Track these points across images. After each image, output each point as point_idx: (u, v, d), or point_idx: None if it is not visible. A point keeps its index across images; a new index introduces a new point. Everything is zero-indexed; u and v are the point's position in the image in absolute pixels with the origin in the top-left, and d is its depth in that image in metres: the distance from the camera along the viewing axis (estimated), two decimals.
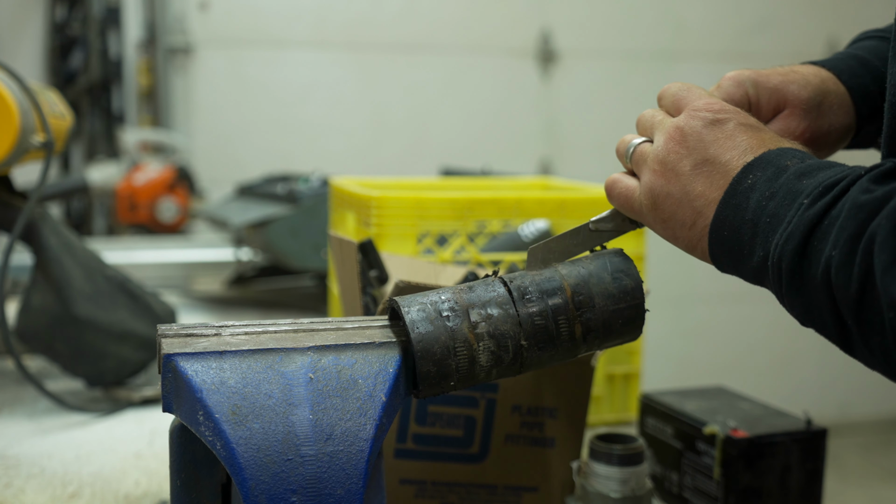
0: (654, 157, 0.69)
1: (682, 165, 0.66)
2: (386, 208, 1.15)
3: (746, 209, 0.61)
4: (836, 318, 0.56)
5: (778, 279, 0.59)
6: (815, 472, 0.95)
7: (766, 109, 0.77)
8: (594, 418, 1.21)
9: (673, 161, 0.67)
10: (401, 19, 3.78)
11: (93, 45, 3.61)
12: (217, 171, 3.40)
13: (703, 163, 0.65)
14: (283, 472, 0.54)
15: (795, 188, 0.59)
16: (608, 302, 0.64)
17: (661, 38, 4.01)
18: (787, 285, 0.59)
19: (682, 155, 0.66)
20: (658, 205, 0.67)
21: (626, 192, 0.71)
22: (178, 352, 0.57)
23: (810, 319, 0.60)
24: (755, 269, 0.61)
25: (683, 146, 0.67)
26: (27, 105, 1.18)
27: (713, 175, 0.64)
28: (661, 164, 0.68)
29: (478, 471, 0.88)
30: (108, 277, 1.34)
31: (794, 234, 0.57)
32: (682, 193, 0.66)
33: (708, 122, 0.67)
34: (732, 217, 0.62)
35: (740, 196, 0.62)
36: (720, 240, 0.63)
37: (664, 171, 0.67)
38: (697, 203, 0.65)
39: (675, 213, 0.66)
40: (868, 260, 0.52)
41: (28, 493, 1.00)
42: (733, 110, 0.68)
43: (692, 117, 0.67)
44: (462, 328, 0.60)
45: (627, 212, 0.72)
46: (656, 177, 0.68)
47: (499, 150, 3.83)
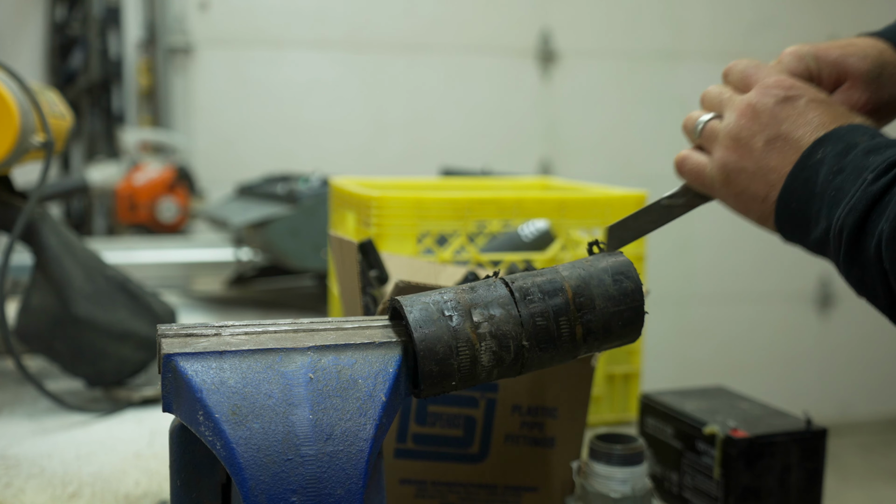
0: (725, 133, 0.70)
1: (755, 141, 0.68)
2: (386, 208, 1.15)
3: (815, 183, 0.63)
4: (887, 290, 0.58)
5: (837, 250, 0.61)
6: (814, 472, 0.95)
7: (827, 83, 0.78)
8: (594, 418, 1.21)
9: (746, 137, 0.69)
10: (401, 19, 3.78)
11: (93, 45, 3.61)
12: (217, 171, 3.40)
13: (776, 138, 0.67)
14: (283, 472, 0.54)
15: (862, 164, 0.61)
16: (608, 304, 0.64)
17: (661, 38, 4.01)
18: (844, 256, 0.60)
19: (755, 131, 0.68)
20: (731, 180, 0.70)
21: (698, 168, 0.74)
22: (177, 352, 0.57)
23: (864, 290, 0.61)
24: (818, 240, 0.63)
25: (756, 122, 0.68)
26: (27, 105, 1.18)
27: (785, 150, 0.67)
28: (734, 140, 0.69)
29: (478, 471, 0.88)
30: (108, 277, 1.34)
31: (855, 208, 0.59)
32: (756, 168, 0.68)
33: (780, 99, 0.68)
34: (801, 190, 0.64)
35: (809, 170, 0.64)
36: (788, 211, 0.66)
37: (737, 147, 0.69)
38: (771, 177, 0.67)
39: (748, 188, 0.69)
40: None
41: (28, 493, 1.00)
42: (804, 87, 0.70)
43: (764, 94, 0.69)
44: (464, 328, 0.60)
45: (699, 187, 0.75)
46: (729, 152, 0.70)
47: (499, 150, 3.83)
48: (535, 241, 1.21)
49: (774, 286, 4.22)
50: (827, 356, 4.31)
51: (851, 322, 4.26)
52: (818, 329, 4.29)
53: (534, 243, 1.21)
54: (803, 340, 4.30)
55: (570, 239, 1.21)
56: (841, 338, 4.28)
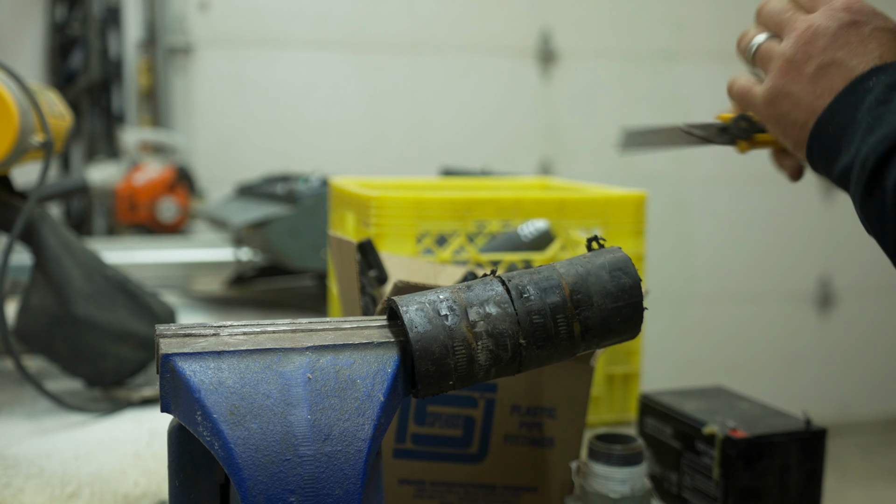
0: (780, 55, 0.69)
1: (808, 66, 0.66)
2: (385, 208, 1.15)
3: (858, 109, 0.61)
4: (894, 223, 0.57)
5: (858, 179, 0.60)
6: (814, 472, 0.95)
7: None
8: (593, 418, 1.21)
9: (800, 61, 0.67)
10: (401, 19, 3.78)
11: (93, 45, 3.61)
12: (217, 171, 3.40)
13: (830, 64, 0.65)
14: (282, 472, 0.54)
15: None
16: (606, 300, 0.64)
17: (661, 38, 4.01)
18: (864, 187, 0.59)
19: (810, 55, 0.66)
20: (776, 102, 0.68)
21: (744, 89, 0.72)
22: (176, 352, 0.57)
23: (873, 227, 0.60)
24: (843, 169, 0.62)
25: (813, 46, 0.66)
26: (27, 105, 1.18)
27: (835, 77, 0.65)
28: (788, 62, 0.68)
29: (477, 471, 0.88)
30: (107, 277, 1.34)
31: (887, 137, 0.57)
32: (802, 94, 0.66)
33: (845, 23, 0.66)
34: (843, 114, 0.63)
35: (856, 95, 0.62)
36: (822, 135, 0.64)
37: (789, 70, 0.67)
38: (815, 104, 0.65)
39: (790, 112, 0.67)
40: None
41: (27, 493, 1.00)
42: (872, 12, 0.67)
43: (829, 17, 0.67)
44: (460, 327, 0.60)
45: (744, 105, 0.73)
46: (781, 74, 0.68)
47: (499, 150, 3.83)
48: (534, 241, 1.21)
49: (774, 286, 4.22)
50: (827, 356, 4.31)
51: (851, 322, 4.26)
52: (818, 329, 4.29)
53: (533, 243, 1.21)
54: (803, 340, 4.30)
55: (570, 239, 1.20)
56: (841, 338, 4.28)
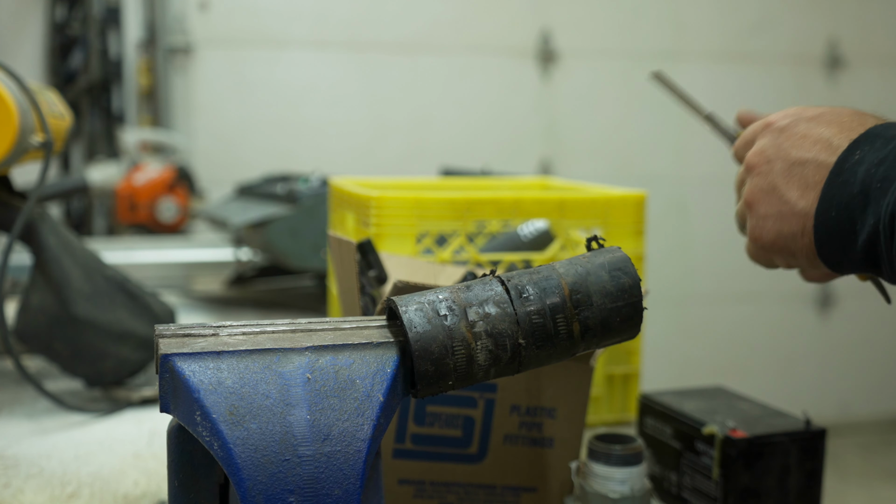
0: (746, 195, 0.66)
1: (770, 181, 0.63)
2: (385, 208, 1.15)
3: (854, 182, 0.58)
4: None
5: (889, 242, 0.55)
6: (814, 472, 0.95)
7: None
8: (593, 418, 1.21)
9: (760, 183, 0.64)
10: (401, 19, 3.78)
11: (93, 45, 3.61)
12: (217, 171, 3.40)
13: (792, 167, 0.62)
14: (281, 472, 0.54)
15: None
16: (606, 300, 0.64)
17: (661, 38, 4.01)
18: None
19: (767, 172, 0.63)
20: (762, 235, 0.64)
21: (748, 249, 0.69)
22: (175, 352, 0.57)
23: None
24: (866, 242, 0.57)
25: (764, 164, 0.64)
26: (26, 105, 1.18)
27: (805, 173, 0.61)
28: (751, 192, 0.64)
29: (476, 471, 0.88)
30: (107, 277, 1.34)
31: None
32: (781, 204, 0.63)
33: (778, 131, 0.64)
34: (839, 194, 0.59)
35: (847, 172, 0.59)
36: (827, 223, 0.59)
37: (757, 200, 0.64)
38: (800, 205, 0.62)
39: (781, 231, 0.63)
40: None
41: (27, 493, 1.00)
42: (796, 111, 0.65)
43: (763, 136, 0.65)
44: (460, 327, 0.60)
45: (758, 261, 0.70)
46: (752, 210, 0.64)
47: (499, 150, 3.83)
48: (534, 241, 1.21)
49: (774, 286, 4.22)
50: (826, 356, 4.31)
51: (851, 322, 4.26)
52: (818, 329, 4.29)
53: (533, 243, 1.21)
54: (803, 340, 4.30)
55: (570, 239, 1.20)
56: (840, 338, 4.28)
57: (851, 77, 4.17)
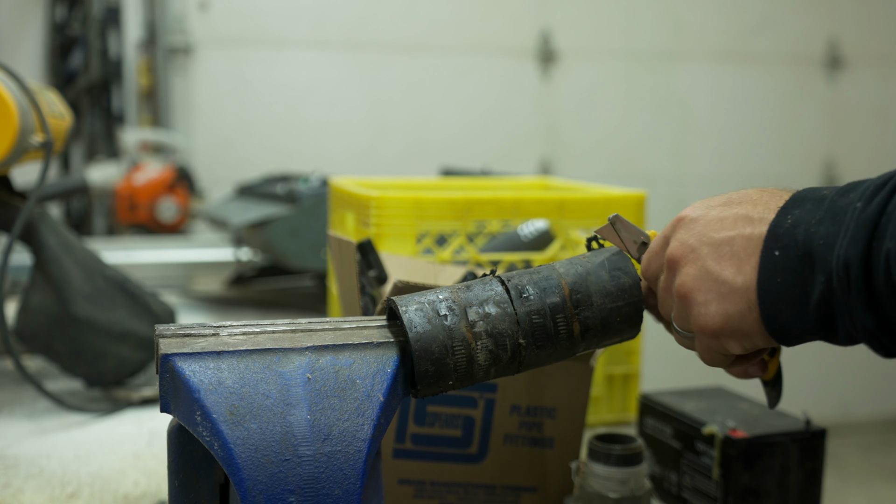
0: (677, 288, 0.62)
1: (701, 267, 0.60)
2: (385, 208, 1.15)
3: (795, 245, 0.56)
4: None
5: (846, 293, 0.53)
6: (814, 472, 0.95)
7: None
8: (593, 418, 1.21)
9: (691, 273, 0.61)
10: (401, 19, 3.78)
11: (93, 45, 3.61)
12: (217, 171, 3.40)
13: (720, 246, 0.60)
14: (281, 472, 0.54)
15: (842, 204, 0.54)
16: (606, 300, 0.64)
17: (661, 38, 4.01)
18: (857, 295, 0.52)
19: (695, 259, 0.61)
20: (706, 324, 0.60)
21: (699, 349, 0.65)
22: (175, 352, 0.57)
23: (887, 336, 0.53)
24: (821, 300, 0.54)
25: (691, 253, 0.61)
26: (26, 105, 1.18)
27: (735, 250, 0.59)
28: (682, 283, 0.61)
29: (476, 471, 0.88)
30: (107, 277, 1.34)
31: (855, 238, 0.52)
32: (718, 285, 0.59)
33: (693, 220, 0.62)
34: (781, 259, 0.56)
35: (785, 237, 0.56)
36: (772, 292, 0.57)
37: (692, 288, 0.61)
38: (738, 281, 0.58)
39: (727, 314, 0.59)
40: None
41: (27, 493, 1.00)
42: (701, 203, 0.64)
43: (680, 229, 0.63)
44: (460, 327, 0.60)
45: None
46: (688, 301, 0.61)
47: (499, 150, 3.83)
48: (534, 241, 1.21)
49: None
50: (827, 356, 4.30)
51: None
52: None
53: (533, 243, 1.20)
54: None
55: (570, 239, 1.20)
56: None
57: (851, 77, 4.17)
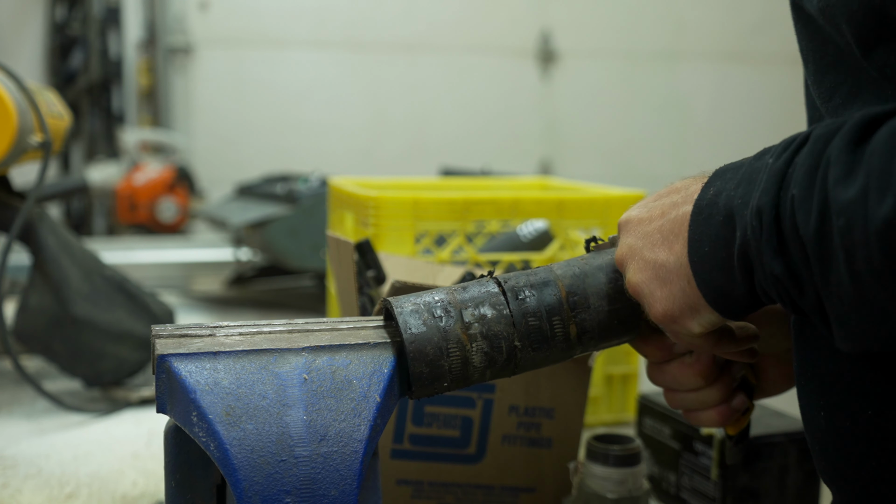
0: (628, 283, 0.63)
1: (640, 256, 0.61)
2: (384, 208, 1.15)
3: (718, 212, 0.56)
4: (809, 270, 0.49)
5: (758, 241, 0.52)
6: (812, 472, 0.95)
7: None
8: (592, 419, 1.21)
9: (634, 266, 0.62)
10: (401, 19, 3.78)
11: (93, 45, 3.61)
12: (217, 171, 3.40)
13: (650, 235, 0.61)
14: (277, 472, 0.53)
15: (757, 166, 0.55)
16: (603, 302, 0.63)
17: (661, 38, 4.01)
18: (766, 244, 0.51)
19: (632, 254, 0.62)
20: (658, 305, 0.60)
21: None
22: (171, 352, 0.56)
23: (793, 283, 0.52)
24: (739, 255, 0.54)
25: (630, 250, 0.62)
26: (25, 105, 1.18)
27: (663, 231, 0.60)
28: (634, 276, 0.62)
29: (474, 471, 0.88)
30: (106, 277, 1.34)
31: (766, 189, 0.52)
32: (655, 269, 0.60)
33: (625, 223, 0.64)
34: (706, 228, 0.56)
35: (708, 208, 0.57)
36: (702, 261, 0.57)
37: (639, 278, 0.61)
38: (671, 260, 0.59)
39: (671, 293, 0.59)
40: (824, 185, 0.47)
41: (25, 494, 1.00)
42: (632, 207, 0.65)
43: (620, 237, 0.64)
44: (455, 329, 0.60)
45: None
46: (639, 287, 0.61)
47: (499, 150, 3.83)
48: (533, 242, 1.21)
49: None
50: None
51: None
52: None
53: (532, 243, 1.20)
54: None
55: (569, 239, 1.20)
56: None
57: None
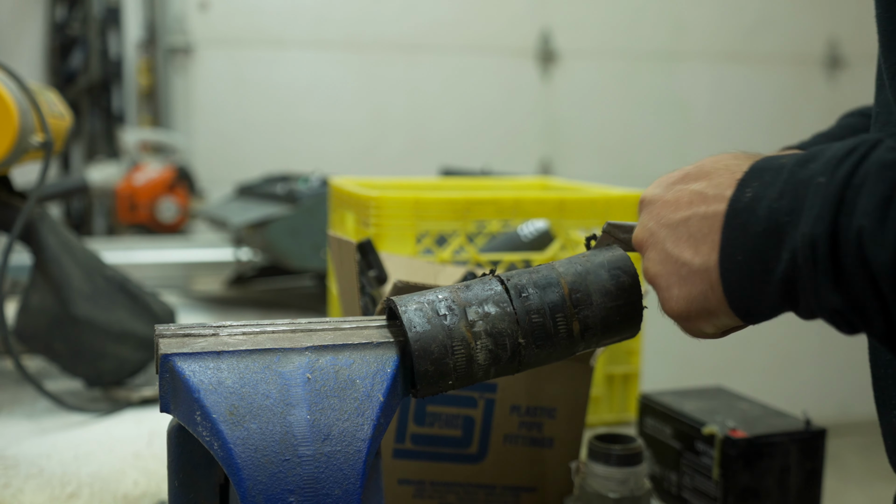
0: (645, 272, 0.62)
1: (661, 252, 0.60)
2: (385, 208, 1.15)
3: (757, 221, 0.54)
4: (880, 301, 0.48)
5: (813, 272, 0.51)
6: (813, 472, 0.95)
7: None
8: (593, 418, 1.21)
9: (653, 258, 0.61)
10: (401, 19, 3.78)
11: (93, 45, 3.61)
12: (217, 171, 3.40)
13: (676, 227, 0.59)
14: (281, 472, 0.54)
15: (803, 176, 0.52)
16: (606, 299, 0.64)
17: (661, 38, 4.01)
18: (824, 274, 0.50)
19: (655, 244, 0.61)
20: (672, 309, 0.60)
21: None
22: (175, 352, 0.57)
23: (856, 314, 0.51)
24: (784, 280, 0.53)
25: (651, 238, 0.61)
26: (26, 105, 1.18)
27: (692, 230, 0.58)
28: (647, 268, 0.61)
29: (476, 471, 0.88)
30: (107, 277, 1.34)
31: (821, 216, 0.50)
32: (677, 268, 0.59)
33: (649, 202, 0.63)
34: (742, 237, 0.55)
35: (745, 213, 0.55)
36: (734, 270, 0.55)
37: (654, 273, 0.61)
38: (696, 262, 0.58)
39: (689, 297, 0.58)
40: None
41: (27, 493, 1.00)
42: (659, 181, 0.64)
43: (643, 215, 0.63)
44: (459, 327, 0.60)
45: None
46: (657, 280, 0.61)
47: (499, 150, 3.83)
48: (534, 241, 1.21)
49: None
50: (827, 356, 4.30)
51: None
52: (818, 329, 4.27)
53: (533, 243, 1.21)
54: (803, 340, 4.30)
55: (570, 239, 1.20)
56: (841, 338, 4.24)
57: (851, 77, 4.17)
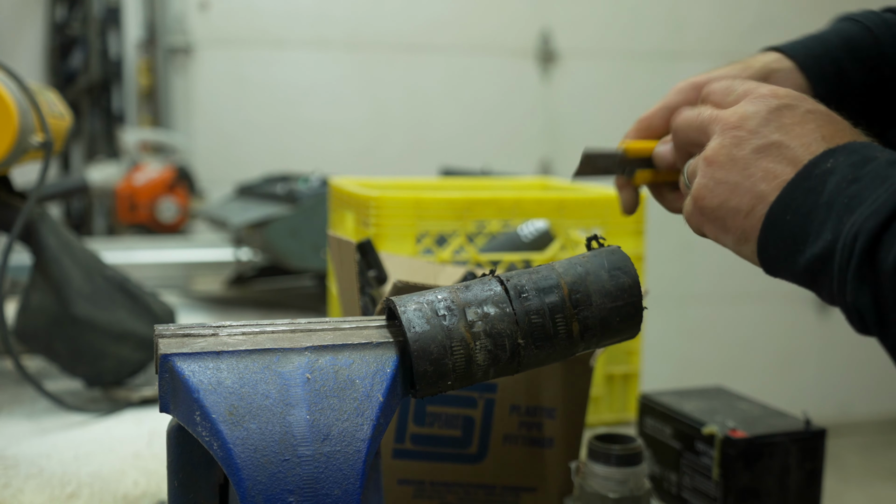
0: (709, 151, 0.62)
1: (741, 150, 0.60)
2: (385, 208, 1.15)
3: (822, 192, 0.55)
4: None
5: (845, 265, 0.52)
6: (814, 472, 0.95)
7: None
8: (593, 419, 1.21)
9: (730, 145, 0.60)
10: (401, 19, 3.78)
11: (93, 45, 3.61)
12: (217, 171, 3.40)
13: (769, 147, 0.59)
14: (280, 472, 0.54)
15: (885, 174, 0.53)
16: (605, 299, 0.64)
17: (661, 38, 4.01)
18: (855, 271, 0.51)
19: (742, 139, 0.60)
20: (705, 196, 0.61)
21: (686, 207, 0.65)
22: (175, 352, 0.57)
23: (876, 317, 0.52)
24: (814, 259, 0.54)
25: (744, 130, 0.61)
26: (26, 105, 1.18)
27: (779, 159, 0.58)
28: (717, 151, 0.61)
29: (476, 471, 0.88)
30: (107, 277, 1.34)
31: (879, 211, 0.51)
32: (741, 177, 0.59)
33: (773, 107, 0.61)
34: (802, 200, 0.56)
35: (816, 179, 0.56)
36: (779, 225, 0.57)
37: (717, 162, 0.61)
38: (760, 187, 0.58)
39: (728, 201, 0.60)
40: None
41: (26, 493, 1.00)
42: (801, 96, 0.63)
43: (755, 103, 0.62)
44: (458, 327, 0.60)
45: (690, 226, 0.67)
46: (709, 168, 0.61)
47: (499, 150, 3.83)
48: (534, 242, 1.21)
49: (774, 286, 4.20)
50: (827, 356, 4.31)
51: None
52: (818, 329, 4.29)
53: (533, 243, 1.21)
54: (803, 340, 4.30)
55: (570, 239, 1.20)
56: (841, 338, 4.28)
57: None
